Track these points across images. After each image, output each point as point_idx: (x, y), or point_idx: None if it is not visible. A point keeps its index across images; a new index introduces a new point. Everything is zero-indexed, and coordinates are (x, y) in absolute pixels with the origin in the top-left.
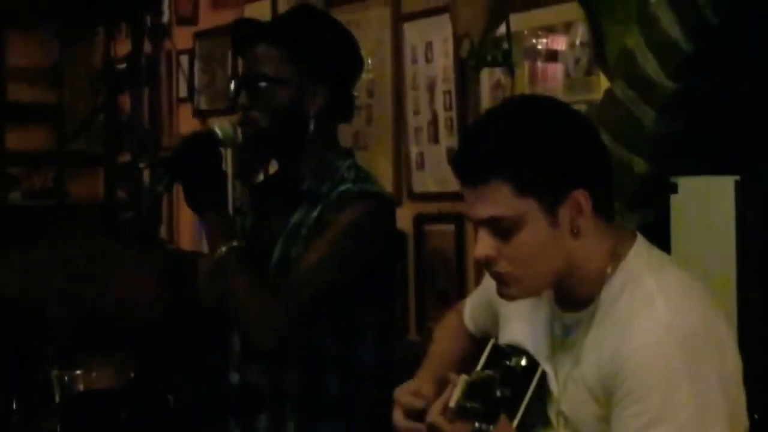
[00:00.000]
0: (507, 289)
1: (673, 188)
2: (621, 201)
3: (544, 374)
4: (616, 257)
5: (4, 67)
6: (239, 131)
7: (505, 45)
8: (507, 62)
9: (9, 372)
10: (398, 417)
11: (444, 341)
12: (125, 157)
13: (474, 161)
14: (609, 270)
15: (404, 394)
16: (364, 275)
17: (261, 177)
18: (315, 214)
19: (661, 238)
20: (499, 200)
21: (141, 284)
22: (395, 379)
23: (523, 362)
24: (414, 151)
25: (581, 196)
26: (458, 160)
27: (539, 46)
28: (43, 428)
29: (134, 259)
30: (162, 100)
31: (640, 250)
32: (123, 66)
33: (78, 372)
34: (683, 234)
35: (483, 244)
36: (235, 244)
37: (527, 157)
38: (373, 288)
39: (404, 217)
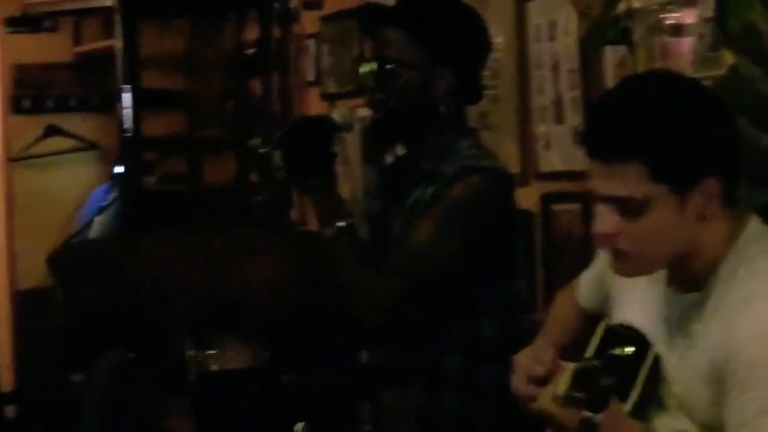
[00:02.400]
0: (622, 265)
1: None
2: (745, 177)
3: (657, 357)
4: (731, 240)
5: (138, 55)
6: (356, 118)
7: (626, 23)
8: (627, 40)
9: (145, 353)
10: (518, 382)
11: (559, 317)
12: (256, 142)
13: (614, 138)
14: (724, 254)
15: (524, 357)
16: (479, 250)
17: (389, 159)
18: (430, 191)
19: None
20: (632, 181)
21: (272, 267)
22: None
23: (635, 345)
24: (539, 130)
25: (714, 184)
26: (595, 134)
27: (664, 22)
28: (175, 406)
29: (265, 243)
30: (291, 84)
31: (756, 233)
32: (252, 51)
33: (212, 352)
34: None
35: (605, 221)
36: (342, 224)
37: (669, 144)
38: (493, 264)
39: (531, 197)
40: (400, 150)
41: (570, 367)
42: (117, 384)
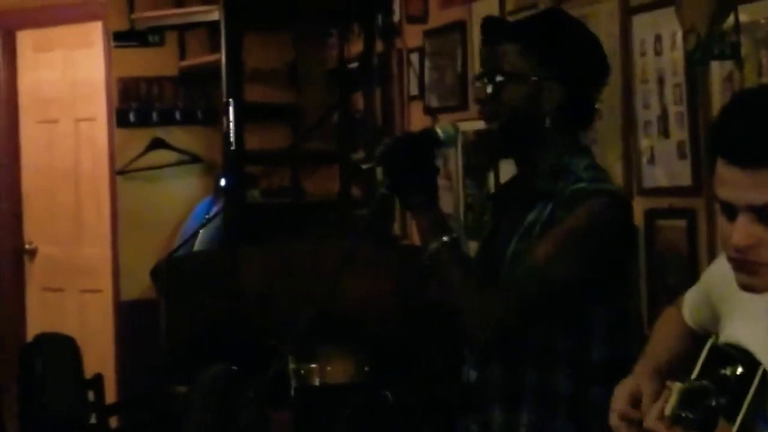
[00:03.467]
0: (755, 279)
1: None
2: None
3: (765, 375)
4: None
5: (242, 68)
6: (459, 132)
7: (734, 37)
8: (735, 55)
9: (247, 366)
10: (613, 420)
11: (662, 336)
12: (359, 155)
13: (760, 143)
14: None
15: (620, 397)
16: (595, 273)
17: (492, 177)
18: (547, 211)
19: None
20: None
21: (376, 281)
22: None
23: (743, 366)
24: (644, 145)
25: None
26: (737, 139)
27: None
28: (276, 419)
29: (368, 256)
30: (394, 97)
31: None
32: (356, 65)
33: (314, 366)
34: None
35: (746, 231)
36: (446, 239)
37: None
38: (606, 285)
39: (636, 213)
40: (508, 170)
41: (677, 386)
42: (219, 396)
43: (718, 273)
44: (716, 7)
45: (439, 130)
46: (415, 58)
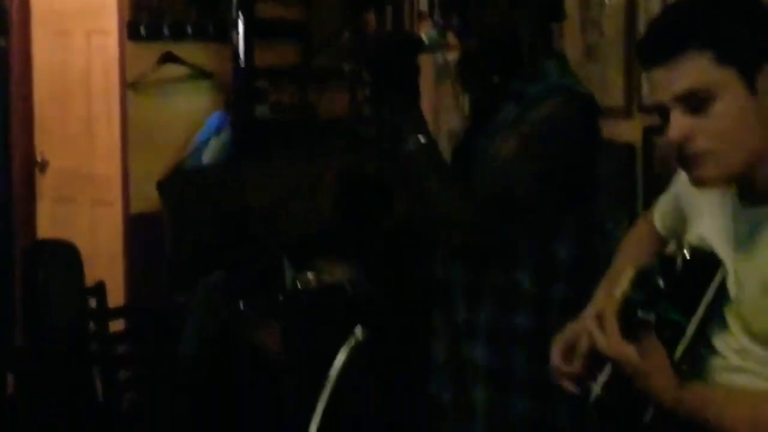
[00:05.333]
0: (701, 169)
1: None
2: None
3: (724, 276)
4: None
5: None
6: (444, 38)
7: None
8: None
9: (245, 275)
10: (555, 357)
11: (634, 240)
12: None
13: (669, 33)
14: None
15: (556, 356)
16: (562, 171)
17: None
18: (516, 112)
19: None
20: (697, 71)
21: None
22: (595, 278)
23: (703, 264)
24: None
25: None
26: (650, 38)
27: None
28: (265, 326)
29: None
30: (404, 14)
31: None
32: None
33: (310, 274)
34: None
35: (677, 124)
36: (424, 141)
37: (728, 23)
38: (571, 187)
39: (634, 130)
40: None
41: (631, 269)
42: (216, 304)
43: (685, 177)
44: None
45: (423, 35)
46: None
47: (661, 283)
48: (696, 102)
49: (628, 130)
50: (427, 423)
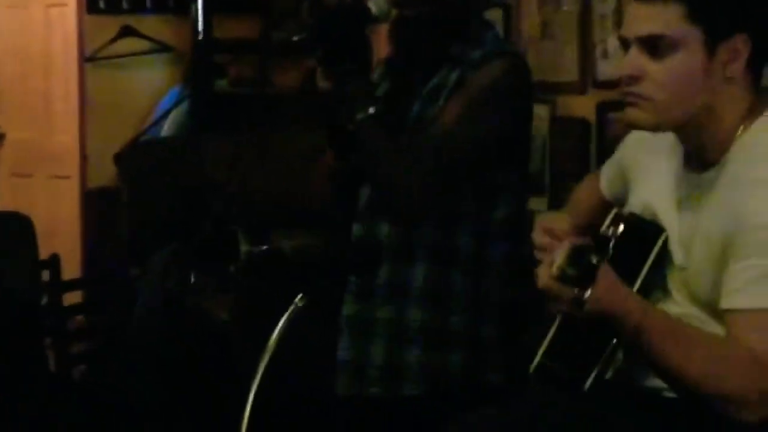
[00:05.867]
0: (637, 112)
1: None
2: None
3: (666, 242)
4: (751, 117)
5: None
6: (393, 8)
7: None
8: None
9: (198, 246)
10: (536, 234)
11: (579, 199)
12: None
13: None
14: (742, 128)
15: (545, 217)
16: (504, 130)
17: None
18: (455, 76)
19: None
20: (668, 19)
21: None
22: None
23: (645, 231)
24: (599, 38)
25: (744, 43)
26: None
27: None
28: (216, 296)
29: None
30: None
31: None
32: None
33: (265, 248)
34: None
35: (632, 61)
36: (372, 110)
37: None
38: (513, 145)
39: (588, 106)
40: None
41: (567, 244)
42: (167, 277)
43: (631, 142)
44: None
45: (371, 5)
46: None
47: (594, 260)
48: (656, 47)
49: (582, 106)
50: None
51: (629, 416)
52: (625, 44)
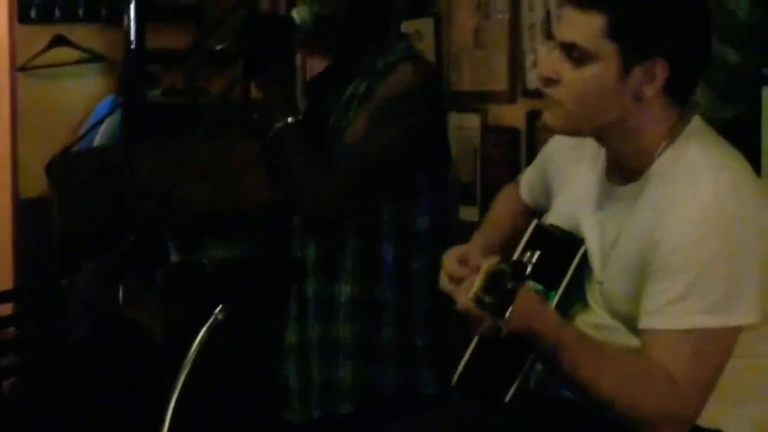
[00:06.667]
0: (549, 115)
1: (766, 80)
2: (713, 93)
3: (585, 255)
4: (672, 136)
5: None
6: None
7: None
8: None
9: (129, 257)
10: (443, 280)
11: (499, 210)
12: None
13: None
14: (662, 146)
15: (451, 258)
16: (411, 138)
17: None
18: (364, 86)
19: (753, 129)
20: (588, 30)
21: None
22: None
23: (563, 244)
24: (528, 47)
25: (660, 67)
26: None
27: None
28: (144, 307)
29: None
30: None
31: (697, 131)
32: None
33: (194, 255)
34: None
35: (551, 63)
36: (290, 120)
37: (635, 9)
38: (425, 152)
39: (518, 115)
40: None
41: (484, 267)
42: (97, 286)
43: (552, 149)
44: None
45: (294, 14)
46: None
47: (510, 286)
48: (576, 55)
49: (512, 115)
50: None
51: (551, 424)
52: (554, 44)
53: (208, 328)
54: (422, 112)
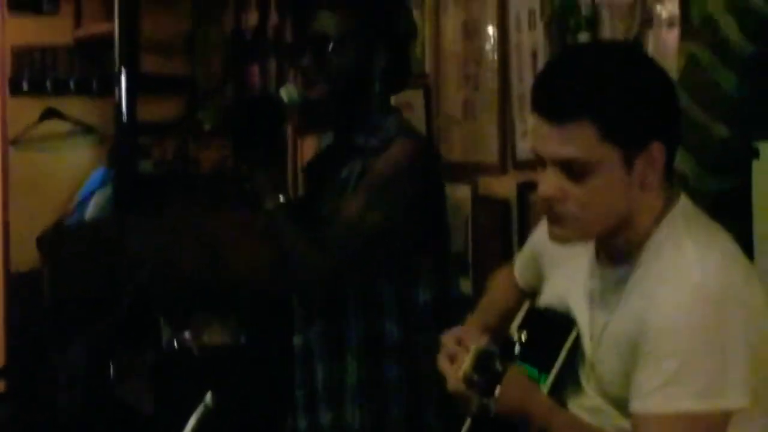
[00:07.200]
0: (561, 229)
1: (756, 153)
2: (702, 167)
3: (578, 338)
4: (661, 217)
5: (137, 38)
6: (304, 96)
7: (589, 11)
8: (591, 27)
9: (122, 333)
10: (442, 361)
11: (494, 292)
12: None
13: (566, 97)
14: (652, 228)
15: (449, 339)
16: (411, 215)
17: (326, 140)
18: (359, 166)
19: (743, 204)
20: (582, 142)
21: (255, 249)
22: (455, 321)
23: (558, 325)
24: (518, 119)
25: (658, 150)
26: (546, 94)
27: (632, 12)
28: (136, 385)
29: (249, 225)
30: (288, 69)
31: (684, 211)
32: (251, 37)
33: (187, 334)
34: (766, 200)
35: (551, 183)
36: (281, 200)
37: (620, 103)
38: (424, 228)
39: (508, 186)
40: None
41: (473, 347)
42: (89, 362)
43: (544, 232)
44: None
45: (283, 93)
46: None
47: (499, 367)
48: (575, 170)
49: (503, 186)
50: None
51: None
52: (541, 161)
53: (197, 415)
54: (418, 189)
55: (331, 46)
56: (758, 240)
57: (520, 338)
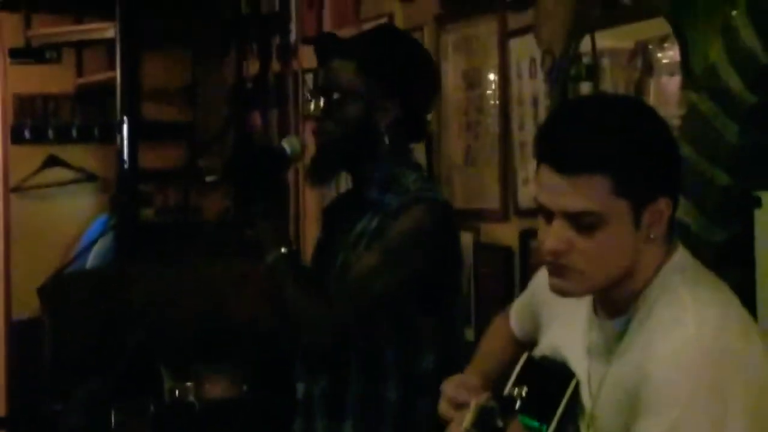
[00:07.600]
0: (564, 282)
1: (757, 202)
2: (704, 215)
3: (577, 388)
4: (660, 267)
5: (138, 86)
6: (306, 147)
7: (590, 60)
8: (591, 77)
9: (124, 383)
10: (444, 407)
11: (491, 342)
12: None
13: (580, 150)
14: (651, 281)
15: (450, 385)
16: (420, 281)
17: (333, 191)
18: (375, 222)
19: (745, 253)
20: (594, 195)
21: (261, 299)
22: None
23: (555, 377)
24: (520, 166)
25: (664, 204)
26: (557, 145)
27: (633, 61)
28: None
29: (252, 274)
30: (290, 117)
31: (681, 261)
32: (252, 85)
33: (189, 384)
34: None
35: (559, 236)
36: (284, 251)
37: (634, 157)
38: (431, 294)
39: (510, 233)
40: (343, 182)
41: (474, 403)
42: (90, 413)
43: (541, 281)
44: (571, 29)
45: (285, 144)
46: (310, 78)
47: (499, 423)
48: (585, 223)
49: (505, 233)
50: None
51: None
52: (546, 212)
53: None
54: (433, 257)
55: (336, 95)
56: (761, 288)
57: (520, 394)
